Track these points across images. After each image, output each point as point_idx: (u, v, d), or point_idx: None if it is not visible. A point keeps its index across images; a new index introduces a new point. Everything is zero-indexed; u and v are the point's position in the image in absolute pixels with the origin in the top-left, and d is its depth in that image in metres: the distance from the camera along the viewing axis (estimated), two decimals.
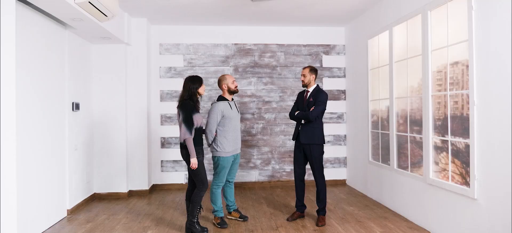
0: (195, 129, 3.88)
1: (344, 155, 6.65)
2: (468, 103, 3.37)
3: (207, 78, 6.42)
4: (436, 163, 3.92)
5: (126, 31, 5.62)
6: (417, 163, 4.31)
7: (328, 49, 6.64)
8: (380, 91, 5.25)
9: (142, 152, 5.96)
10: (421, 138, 4.17)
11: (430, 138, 3.95)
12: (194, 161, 3.79)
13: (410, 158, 4.44)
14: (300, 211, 4.53)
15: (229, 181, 4.48)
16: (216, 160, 4.23)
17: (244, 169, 6.50)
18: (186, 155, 3.86)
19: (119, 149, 5.77)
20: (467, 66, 3.38)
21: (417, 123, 4.29)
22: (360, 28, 5.91)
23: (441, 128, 3.82)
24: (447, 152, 3.70)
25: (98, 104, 5.72)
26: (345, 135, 6.65)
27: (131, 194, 5.90)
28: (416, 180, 4.25)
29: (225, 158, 4.19)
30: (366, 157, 5.67)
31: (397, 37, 4.74)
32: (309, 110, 4.24)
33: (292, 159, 6.41)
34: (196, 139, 3.90)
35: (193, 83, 3.91)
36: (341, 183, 6.60)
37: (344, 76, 6.65)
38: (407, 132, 4.49)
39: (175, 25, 6.38)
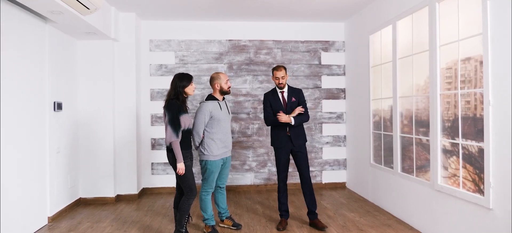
0: (183, 131, 3.57)
1: (343, 156, 6.34)
2: (482, 103, 3.07)
3: (200, 76, 6.10)
4: (445, 168, 3.62)
5: (113, 26, 5.29)
6: (423, 167, 4.01)
7: (327, 45, 6.33)
8: (382, 90, 4.95)
9: (131, 154, 5.64)
10: (428, 140, 3.87)
11: (438, 140, 3.65)
12: (181, 167, 3.48)
13: (416, 162, 4.13)
14: (286, 217, 4.29)
15: (220, 187, 4.17)
16: (203, 164, 3.92)
17: (239, 171, 6.18)
18: (172, 160, 3.54)
19: (106, 151, 5.44)
20: (481, 62, 3.07)
21: (423, 124, 3.98)
22: (361, 23, 5.60)
23: (450, 130, 3.51)
24: (458, 157, 3.39)
25: (84, 103, 5.39)
26: (344, 136, 6.34)
27: (119, 198, 5.58)
28: (422, 185, 3.94)
29: (213, 162, 3.88)
30: (367, 159, 5.36)
31: (401, 32, 4.43)
32: (293, 112, 4.11)
33: None
34: (184, 142, 3.59)
35: (180, 81, 3.60)
36: (341, 186, 6.30)
37: (344, 74, 6.35)
38: (412, 134, 4.19)
39: (166, 20, 6.06)
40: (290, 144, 4.15)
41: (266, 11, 5.58)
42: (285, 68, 4.19)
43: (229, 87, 4.01)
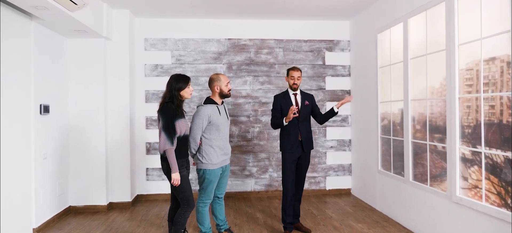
0: (179, 138, 3.26)
1: (348, 162, 6.04)
2: (509, 107, 2.77)
3: (198, 77, 5.79)
4: (465, 179, 3.31)
5: (105, 24, 4.98)
6: (438, 176, 3.70)
7: (331, 45, 6.02)
8: (392, 92, 4.64)
9: (124, 160, 5.32)
10: (444, 147, 3.56)
11: (457, 148, 3.34)
12: (176, 177, 3.17)
13: (430, 170, 3.82)
14: (290, 230, 4.04)
15: (218, 197, 3.85)
16: (201, 173, 3.61)
17: (238, 177, 5.87)
18: (167, 169, 3.23)
19: (98, 156, 5.12)
20: (508, 63, 2.77)
21: (439, 130, 3.67)
22: (368, 21, 5.29)
23: (471, 137, 3.21)
24: (480, 166, 3.09)
25: (74, 105, 5.07)
26: (349, 140, 6.03)
27: (112, 206, 5.26)
28: (438, 196, 3.64)
29: (212, 171, 3.57)
30: (375, 165, 5.06)
31: (414, 30, 4.12)
32: (306, 115, 4.02)
33: None
34: (179, 150, 3.28)
35: (176, 83, 3.29)
36: (346, 193, 5.99)
37: (349, 75, 6.04)
38: (425, 140, 3.88)
39: (162, 18, 5.74)
40: (300, 149, 3.94)
41: (267, 8, 5.28)
42: (301, 70, 4.03)
43: (230, 90, 3.70)
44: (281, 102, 4.02)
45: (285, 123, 3.89)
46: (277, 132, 5.91)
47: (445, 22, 3.47)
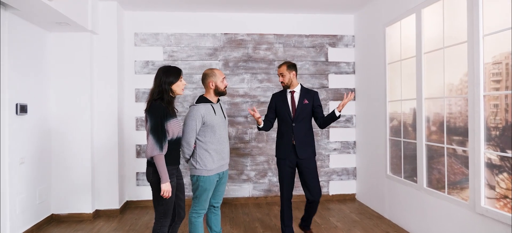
0: (170, 142, 2.86)
1: (353, 165, 5.65)
2: None
3: (192, 74, 5.39)
4: (491, 187, 2.93)
5: (90, 16, 4.57)
6: (458, 184, 3.33)
7: (334, 40, 5.64)
8: (402, 90, 4.26)
9: (112, 163, 4.92)
10: (465, 151, 3.19)
11: (481, 152, 2.97)
12: (166, 188, 2.76)
13: (448, 176, 3.45)
14: None
15: (214, 206, 3.45)
16: (194, 180, 3.21)
17: (235, 182, 5.48)
18: (153, 176, 2.82)
19: (82, 160, 4.72)
20: None
21: (458, 132, 3.30)
22: (374, 14, 4.92)
23: (499, 140, 2.83)
24: (510, 174, 2.71)
25: (56, 105, 4.67)
26: (354, 142, 5.65)
27: (98, 214, 4.86)
28: (457, 205, 3.26)
29: (207, 178, 3.17)
30: (383, 169, 4.68)
31: (428, 21, 3.74)
32: (305, 115, 3.60)
33: None
34: (171, 155, 2.87)
35: (166, 76, 2.88)
36: (350, 198, 5.61)
37: (353, 72, 5.66)
38: (443, 143, 3.50)
39: (153, 11, 5.35)
40: (294, 155, 3.54)
41: (266, 1, 4.89)
42: (290, 65, 3.62)
43: (226, 87, 3.31)
44: (276, 101, 3.70)
45: (258, 126, 3.60)
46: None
47: (467, 10, 3.10)
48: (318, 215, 4.76)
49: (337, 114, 3.49)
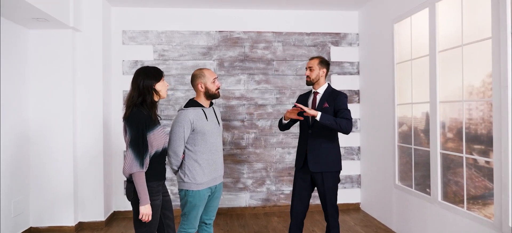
0: (155, 155, 2.48)
1: (357, 172, 5.28)
2: None
3: (184, 75, 5.02)
4: None
5: (71, 12, 4.19)
6: (480, 199, 2.95)
7: (337, 38, 5.27)
8: (413, 92, 3.89)
9: (97, 171, 4.54)
10: (489, 162, 2.82)
11: (509, 164, 2.60)
12: (145, 212, 2.37)
13: (467, 190, 3.08)
14: None
15: (205, 223, 3.06)
16: (183, 195, 2.84)
17: (231, 191, 5.10)
18: (134, 194, 2.44)
19: (64, 168, 4.33)
20: None
21: (480, 140, 2.93)
22: (381, 10, 4.55)
23: None
24: None
25: (35, 108, 4.29)
26: (358, 147, 5.28)
27: (81, 227, 4.48)
28: (479, 224, 2.89)
29: (196, 193, 2.80)
30: (391, 178, 4.31)
31: (443, 16, 3.38)
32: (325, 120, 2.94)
33: (292, 178, 5.08)
34: (154, 170, 2.49)
35: (146, 77, 2.51)
36: (354, 208, 5.23)
37: (358, 73, 5.29)
38: (461, 152, 3.13)
39: (143, 7, 4.97)
40: (307, 167, 3.09)
41: None
42: (319, 60, 3.13)
43: (218, 89, 2.93)
44: (300, 102, 3.27)
45: (284, 121, 3.18)
46: (275, 140, 5.15)
47: (491, 2, 2.73)
48: (320, 227, 4.39)
49: (318, 117, 2.91)
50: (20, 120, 4.09)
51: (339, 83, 5.23)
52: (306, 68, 3.17)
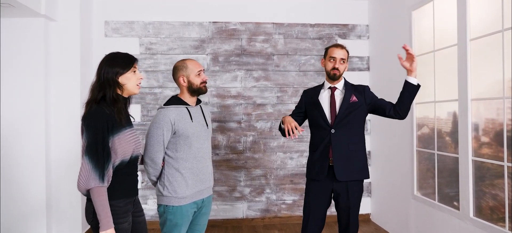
0: (121, 164, 1.94)
1: (367, 179, 4.73)
2: None
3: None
4: None
5: None
6: None
7: (345, 30, 4.74)
8: (436, 89, 3.36)
9: (74, 179, 3.99)
10: None
11: None
12: None
13: (510, 206, 2.54)
14: None
15: None
16: (161, 211, 2.33)
17: (226, 201, 4.56)
18: (94, 216, 1.90)
19: (36, 175, 3.81)
20: None
21: None
22: None
23: None
24: None
25: (2, 107, 3.78)
26: (369, 152, 4.75)
27: None
28: None
29: (178, 209, 2.29)
30: (408, 188, 3.77)
31: None
32: (352, 119, 2.55)
33: (294, 186, 4.57)
34: (123, 184, 1.96)
35: (110, 64, 1.96)
36: (364, 220, 4.69)
37: (368, 69, 4.76)
38: (502, 159, 2.59)
39: None
40: (330, 177, 2.56)
41: None
42: (347, 50, 2.68)
43: (204, 83, 2.41)
44: (307, 100, 2.76)
45: (282, 125, 2.60)
46: (276, 143, 4.62)
47: None
48: None
49: (415, 82, 2.45)
50: None
51: (348, 79, 4.68)
52: (334, 58, 2.61)
